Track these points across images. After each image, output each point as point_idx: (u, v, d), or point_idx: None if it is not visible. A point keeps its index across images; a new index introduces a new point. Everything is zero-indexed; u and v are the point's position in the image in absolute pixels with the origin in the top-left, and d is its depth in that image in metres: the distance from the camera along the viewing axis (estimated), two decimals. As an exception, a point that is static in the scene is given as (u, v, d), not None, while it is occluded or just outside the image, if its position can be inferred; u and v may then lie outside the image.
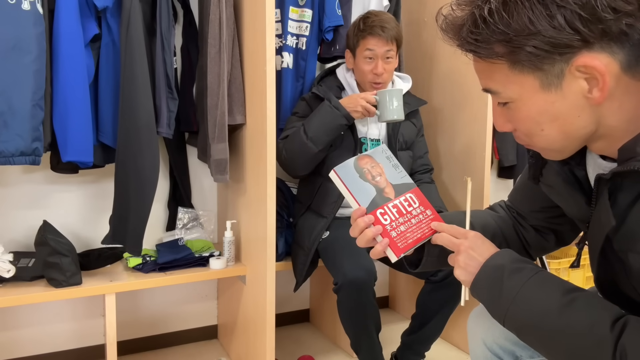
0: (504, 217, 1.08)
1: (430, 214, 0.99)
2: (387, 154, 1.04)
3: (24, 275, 1.67)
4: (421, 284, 1.87)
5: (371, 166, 1.01)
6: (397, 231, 0.95)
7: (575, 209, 0.88)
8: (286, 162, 1.85)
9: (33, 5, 1.53)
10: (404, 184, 1.01)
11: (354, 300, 1.65)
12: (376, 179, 0.99)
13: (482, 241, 0.89)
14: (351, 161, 1.00)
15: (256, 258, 1.81)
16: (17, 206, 1.90)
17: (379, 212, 0.95)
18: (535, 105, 0.74)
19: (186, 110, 1.97)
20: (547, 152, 0.81)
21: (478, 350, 1.10)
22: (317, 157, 1.81)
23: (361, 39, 1.84)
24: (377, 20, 1.83)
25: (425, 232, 0.97)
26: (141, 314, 2.16)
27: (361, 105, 1.76)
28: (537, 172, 0.93)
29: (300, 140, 1.78)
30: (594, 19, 0.66)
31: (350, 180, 0.98)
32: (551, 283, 0.79)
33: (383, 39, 1.82)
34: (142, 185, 1.68)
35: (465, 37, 0.75)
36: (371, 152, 1.03)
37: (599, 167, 0.80)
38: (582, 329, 0.72)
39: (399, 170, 1.03)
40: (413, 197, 1.00)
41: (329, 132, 1.78)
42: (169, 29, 1.75)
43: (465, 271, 0.87)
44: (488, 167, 2.03)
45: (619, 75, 0.70)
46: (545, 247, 1.06)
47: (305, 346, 2.25)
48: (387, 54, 1.85)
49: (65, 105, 1.63)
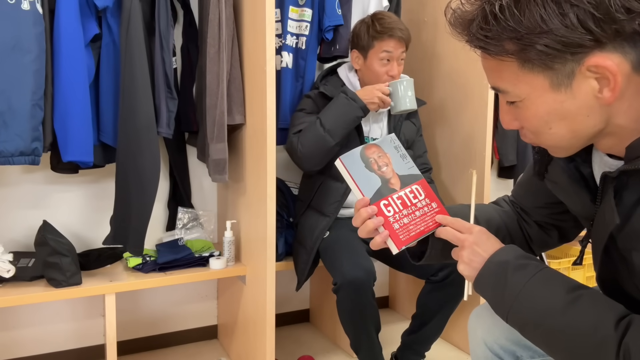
0: (509, 212, 1.08)
1: (436, 207, 0.98)
2: (395, 144, 1.02)
3: (23, 275, 1.67)
4: (421, 284, 1.87)
5: (378, 156, 0.99)
6: (400, 223, 0.94)
7: (579, 206, 0.88)
8: (302, 157, 1.81)
9: (33, 5, 1.52)
10: (410, 175, 0.99)
11: (353, 300, 1.65)
12: (382, 169, 0.98)
13: (487, 237, 0.88)
14: (357, 150, 0.99)
15: (256, 258, 1.81)
16: (17, 206, 1.89)
17: (383, 204, 0.95)
18: (545, 105, 0.73)
19: (186, 110, 1.97)
20: (555, 149, 0.81)
21: (479, 350, 1.10)
22: (332, 150, 1.79)
23: (378, 40, 1.82)
24: (393, 22, 1.83)
25: (429, 225, 0.96)
26: (141, 314, 2.16)
27: (377, 97, 1.76)
28: (542, 168, 0.92)
29: (317, 133, 1.77)
30: (608, 19, 0.65)
31: (356, 169, 0.97)
32: (555, 280, 0.78)
33: (401, 41, 1.83)
34: (143, 185, 1.68)
35: (474, 32, 0.73)
36: (379, 141, 1.01)
37: (606, 164, 0.80)
38: (586, 327, 0.72)
39: (406, 160, 1.01)
40: (419, 189, 0.98)
41: (346, 124, 1.77)
42: (168, 28, 1.75)
43: (469, 267, 0.87)
44: (488, 167, 2.03)
45: (630, 75, 0.69)
46: (548, 243, 1.06)
47: (305, 346, 2.25)
48: (401, 55, 1.86)
49: (66, 105, 1.62)
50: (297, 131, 1.84)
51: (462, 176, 2.13)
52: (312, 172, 1.91)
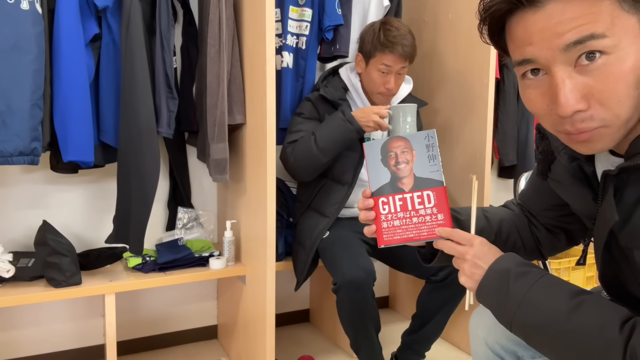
0: (519, 215, 1.08)
1: (441, 219, 0.94)
2: (429, 142, 0.96)
3: (23, 275, 1.67)
4: (421, 284, 1.87)
5: (402, 151, 0.96)
6: (389, 224, 0.95)
7: (582, 205, 0.88)
8: (293, 168, 1.84)
9: (32, 4, 1.52)
10: (429, 179, 0.95)
11: (353, 300, 1.65)
12: (399, 166, 0.96)
13: (489, 248, 0.87)
14: (382, 140, 0.97)
15: (256, 258, 1.81)
16: (17, 206, 1.89)
17: (381, 200, 0.95)
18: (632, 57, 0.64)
19: (186, 110, 1.97)
20: (601, 134, 0.69)
21: (480, 350, 1.10)
22: (324, 166, 1.82)
23: (379, 51, 1.80)
24: (399, 36, 1.79)
25: (421, 234, 0.94)
26: (141, 314, 2.16)
27: (374, 121, 1.73)
28: (545, 167, 0.92)
29: (310, 150, 1.77)
30: None
31: (371, 159, 0.97)
32: (558, 286, 0.78)
33: (402, 57, 1.80)
34: (143, 185, 1.68)
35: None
36: (413, 135, 0.97)
37: (609, 162, 0.79)
38: (591, 332, 0.71)
39: (432, 163, 0.95)
40: (431, 196, 0.95)
41: (340, 144, 1.77)
42: (169, 28, 1.75)
43: (471, 279, 0.86)
44: (488, 167, 2.03)
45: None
46: (556, 247, 1.06)
47: (305, 346, 2.25)
48: (400, 70, 1.84)
49: (66, 105, 1.62)
50: (292, 141, 1.85)
51: (463, 176, 2.13)
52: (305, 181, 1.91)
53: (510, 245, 1.04)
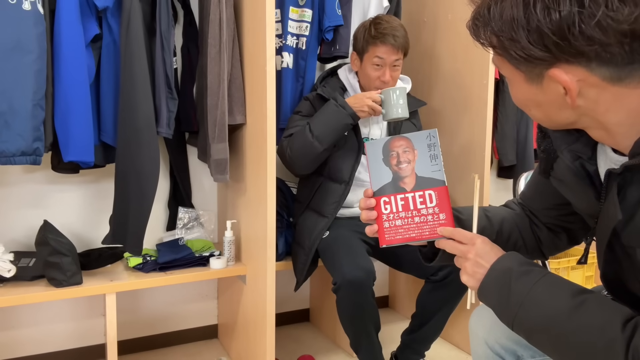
0: (520, 214, 1.08)
1: (443, 219, 0.94)
2: (431, 141, 0.97)
3: (24, 275, 1.67)
4: (421, 284, 1.88)
5: (403, 150, 0.97)
6: (391, 223, 0.94)
7: (584, 203, 0.88)
8: (290, 161, 1.84)
9: (34, 5, 1.53)
10: (431, 179, 0.96)
11: (352, 300, 1.66)
12: (401, 165, 0.96)
13: (490, 247, 0.88)
14: (384, 140, 0.97)
15: (256, 258, 1.81)
16: (18, 206, 1.90)
17: (383, 200, 0.95)
18: (522, 92, 0.79)
19: (186, 110, 1.98)
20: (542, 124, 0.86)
21: (480, 349, 1.10)
22: (321, 156, 1.81)
23: (371, 45, 1.82)
24: (389, 27, 1.81)
25: (423, 234, 0.94)
26: (141, 314, 2.16)
27: (367, 105, 1.76)
28: (547, 166, 0.92)
29: (305, 138, 1.78)
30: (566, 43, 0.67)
31: (373, 159, 0.97)
32: (560, 285, 0.78)
33: (394, 48, 1.81)
34: (142, 185, 1.69)
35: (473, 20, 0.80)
36: (415, 134, 0.97)
37: (611, 161, 0.80)
38: (593, 331, 0.72)
39: (434, 162, 0.96)
40: (433, 196, 0.95)
41: (335, 131, 1.78)
42: (169, 28, 1.75)
43: (473, 278, 0.87)
44: (488, 167, 2.03)
45: (603, 85, 0.70)
46: (558, 246, 1.06)
47: (305, 346, 2.26)
48: (395, 62, 1.84)
49: (67, 105, 1.63)
50: (288, 135, 1.85)
51: (462, 177, 2.13)
52: (303, 175, 1.92)
53: (511, 244, 1.05)
